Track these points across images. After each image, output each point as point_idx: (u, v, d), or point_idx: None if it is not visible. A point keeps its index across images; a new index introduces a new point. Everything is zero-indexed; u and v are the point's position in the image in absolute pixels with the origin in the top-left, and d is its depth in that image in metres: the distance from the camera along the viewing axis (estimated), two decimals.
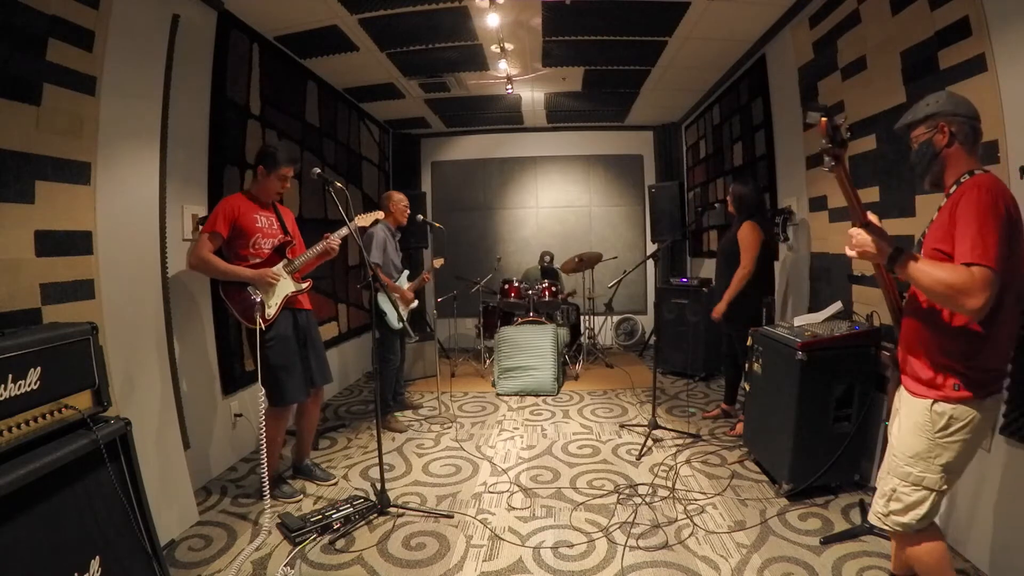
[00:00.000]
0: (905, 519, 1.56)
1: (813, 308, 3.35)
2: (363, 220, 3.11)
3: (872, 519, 1.67)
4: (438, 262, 4.24)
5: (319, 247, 2.77)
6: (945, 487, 1.53)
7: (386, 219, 3.82)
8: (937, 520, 1.61)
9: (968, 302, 1.35)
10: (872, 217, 1.55)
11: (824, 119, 1.39)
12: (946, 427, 1.49)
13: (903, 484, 1.56)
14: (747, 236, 3.37)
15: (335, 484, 2.99)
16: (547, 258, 6.02)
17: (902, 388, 1.65)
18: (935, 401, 1.51)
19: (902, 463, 1.57)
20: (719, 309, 3.48)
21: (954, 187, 1.52)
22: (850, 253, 1.55)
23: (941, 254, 1.47)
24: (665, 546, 2.30)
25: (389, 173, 6.62)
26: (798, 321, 2.93)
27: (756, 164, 4.44)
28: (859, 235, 1.52)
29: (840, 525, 2.42)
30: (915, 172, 1.65)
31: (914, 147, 1.62)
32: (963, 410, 1.48)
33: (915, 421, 1.55)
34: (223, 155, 3.25)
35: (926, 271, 1.41)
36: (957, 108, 1.52)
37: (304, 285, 2.80)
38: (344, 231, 2.83)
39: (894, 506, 1.58)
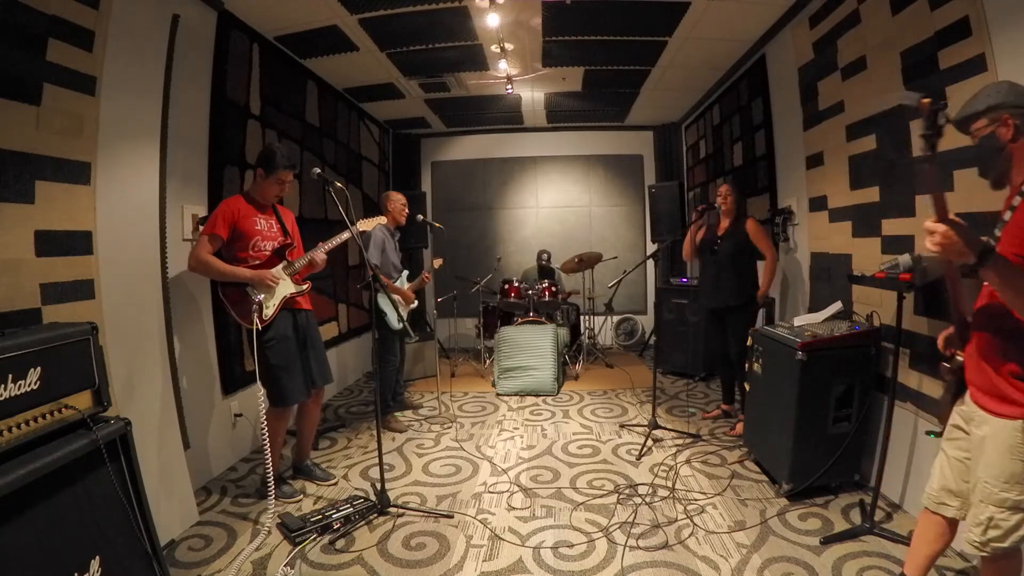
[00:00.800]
0: (1006, 544, 1.50)
1: (813, 308, 3.35)
2: (364, 225, 3.11)
3: (968, 548, 1.57)
4: (437, 262, 4.24)
5: (306, 258, 2.77)
6: None
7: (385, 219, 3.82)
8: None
9: None
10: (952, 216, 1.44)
11: (926, 100, 1.23)
12: None
13: (1000, 511, 1.48)
14: (758, 229, 3.56)
15: (335, 484, 2.99)
16: (544, 256, 6.01)
17: (973, 406, 1.58)
18: None
19: (997, 489, 1.47)
20: (763, 293, 3.58)
21: None
22: (930, 247, 1.37)
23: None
24: (665, 546, 2.31)
25: (389, 173, 6.62)
26: (798, 321, 2.93)
27: (756, 164, 4.44)
28: (943, 229, 1.33)
29: (840, 525, 2.42)
30: (980, 168, 1.51)
31: (974, 141, 1.52)
32: None
33: (1007, 444, 1.45)
34: (223, 155, 3.25)
35: (1017, 279, 1.29)
36: (1020, 99, 1.42)
37: (304, 287, 2.80)
38: (335, 241, 2.86)
39: (993, 533, 1.50)
